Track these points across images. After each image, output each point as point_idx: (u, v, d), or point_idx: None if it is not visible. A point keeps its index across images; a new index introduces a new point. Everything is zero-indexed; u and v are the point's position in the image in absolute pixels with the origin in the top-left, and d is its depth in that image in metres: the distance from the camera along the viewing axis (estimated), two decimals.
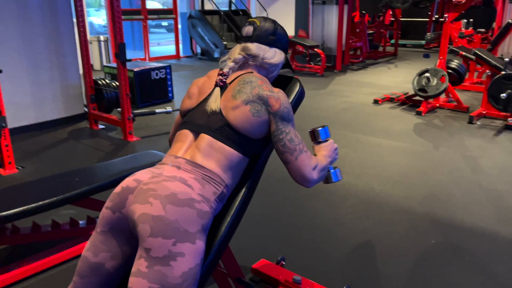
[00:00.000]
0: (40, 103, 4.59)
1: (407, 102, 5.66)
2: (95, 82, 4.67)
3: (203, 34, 9.89)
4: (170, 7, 10.45)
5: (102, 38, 8.54)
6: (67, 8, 4.66)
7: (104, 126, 4.74)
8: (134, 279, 1.15)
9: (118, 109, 4.37)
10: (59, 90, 4.74)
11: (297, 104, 1.55)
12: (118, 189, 1.30)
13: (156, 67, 5.77)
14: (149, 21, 10.05)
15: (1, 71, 3.25)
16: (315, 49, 7.76)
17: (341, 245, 2.45)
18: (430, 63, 8.81)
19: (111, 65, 5.91)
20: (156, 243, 1.14)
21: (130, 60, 4.25)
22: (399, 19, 10.38)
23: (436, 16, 11.48)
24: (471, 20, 6.84)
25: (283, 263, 2.19)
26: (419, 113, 5.13)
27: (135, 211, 1.20)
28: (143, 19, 9.57)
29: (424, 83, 5.14)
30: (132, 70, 5.46)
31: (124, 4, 12.43)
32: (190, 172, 1.30)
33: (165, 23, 16.88)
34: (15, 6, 4.24)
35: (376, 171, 3.48)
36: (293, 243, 2.47)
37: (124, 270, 1.33)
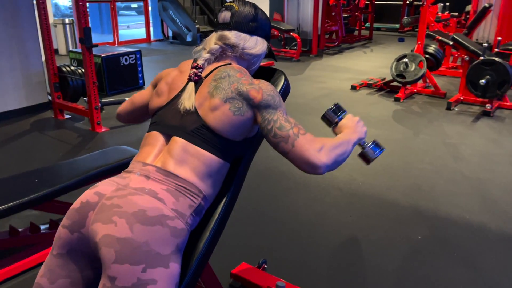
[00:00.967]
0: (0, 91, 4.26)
1: (385, 88, 5.58)
2: (59, 69, 4.36)
3: (174, 17, 9.54)
4: None
5: (67, 20, 8.09)
6: None
7: (70, 116, 4.45)
8: None
9: (85, 98, 4.10)
10: (20, 77, 4.41)
11: (282, 99, 1.38)
12: (76, 204, 1.11)
13: (125, 52, 5.48)
14: (118, 3, 9.61)
15: None
16: (291, 33, 7.58)
17: (325, 241, 2.33)
18: (405, 47, 8.79)
19: (77, 50, 5.57)
20: (123, 271, 0.97)
21: (97, 46, 3.97)
22: (374, 2, 10.27)
23: (410, 0, 11.47)
24: (447, 4, 6.78)
25: (265, 266, 2.05)
26: (397, 100, 5.05)
27: (97, 231, 1.02)
28: (111, 1, 9.13)
29: (402, 69, 5.05)
30: (99, 56, 5.16)
31: None
32: (161, 182, 1.12)
33: (134, 5, 16.30)
34: None
35: (357, 161, 3.35)
36: (275, 241, 2.33)
37: None
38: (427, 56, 5.36)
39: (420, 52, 5.20)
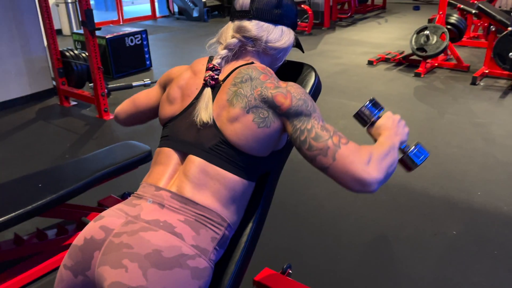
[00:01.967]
0: (1, 79, 4.08)
1: (404, 62, 5.29)
2: (62, 54, 4.16)
3: None
4: None
5: None
6: None
7: (76, 103, 4.28)
8: None
9: (91, 84, 3.91)
10: (23, 63, 4.22)
11: (314, 100, 1.18)
12: (79, 241, 0.94)
13: (130, 32, 5.24)
14: None
15: None
16: (302, 5, 7.23)
17: (352, 240, 2.17)
18: (422, 16, 8.39)
19: (80, 32, 5.33)
20: None
21: (100, 28, 3.75)
22: None
23: None
24: None
25: (290, 271, 1.89)
26: (418, 75, 4.78)
27: (105, 276, 0.86)
28: None
29: (423, 42, 4.75)
30: (104, 37, 4.93)
31: None
32: (178, 211, 0.95)
33: None
34: None
35: None
36: (298, 242, 2.17)
37: None
38: (448, 27, 5.04)
39: (441, 23, 4.88)
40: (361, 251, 2.09)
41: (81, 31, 5.25)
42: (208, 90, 1.04)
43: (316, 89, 1.19)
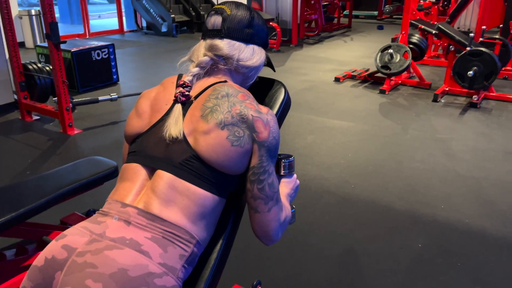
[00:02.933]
0: None
1: (369, 79, 5.44)
2: (24, 67, 4.04)
3: (148, 7, 9.15)
4: None
5: (33, 12, 7.63)
6: None
7: (39, 117, 4.15)
8: None
9: (55, 98, 3.80)
10: None
11: (282, 117, 1.19)
12: (40, 261, 0.90)
13: (97, 46, 5.15)
14: None
15: None
16: (270, 23, 7.35)
17: (321, 254, 2.17)
18: (385, 35, 8.69)
19: (44, 44, 5.21)
20: None
21: (65, 42, 3.67)
22: None
23: None
24: None
25: None
26: (382, 92, 4.92)
27: None
28: None
29: (387, 60, 4.91)
30: (69, 51, 4.83)
31: None
32: (145, 228, 0.92)
33: None
34: None
35: (347, 161, 3.22)
36: (267, 257, 2.16)
37: None
38: (411, 46, 5.23)
39: (404, 42, 5.06)
40: (330, 265, 2.10)
41: (45, 44, 5.13)
42: (179, 106, 1.03)
43: (286, 105, 1.20)
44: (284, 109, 1.20)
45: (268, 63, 1.21)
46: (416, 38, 5.34)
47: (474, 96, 4.44)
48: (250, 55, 1.12)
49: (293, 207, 1.20)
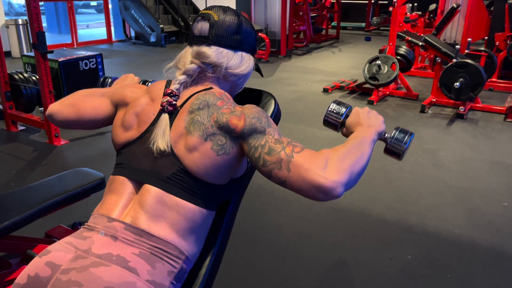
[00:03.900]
0: None
1: (357, 90, 5.48)
2: (10, 77, 3.99)
3: (137, 17, 9.14)
4: None
5: (20, 21, 7.56)
6: None
7: (24, 128, 4.08)
8: None
9: (41, 108, 3.75)
10: None
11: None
12: (22, 279, 0.87)
13: (85, 56, 5.10)
14: (75, 1, 9.12)
15: None
16: (259, 34, 7.38)
17: (311, 267, 2.15)
18: (373, 47, 8.79)
19: (31, 54, 5.14)
20: None
21: (52, 51, 3.63)
22: (340, 1, 10.23)
23: None
24: (415, 4, 6.78)
25: None
26: (371, 102, 4.95)
27: None
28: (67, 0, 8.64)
29: (375, 71, 4.95)
30: (56, 61, 4.77)
31: None
32: (132, 244, 0.90)
33: (94, 3, 15.67)
34: None
35: None
36: (258, 271, 2.13)
37: None
38: (398, 57, 5.29)
39: (392, 53, 5.12)
40: (320, 276, 2.08)
41: (32, 54, 5.07)
42: (166, 116, 1.01)
43: (276, 116, 1.20)
44: (274, 120, 1.18)
45: (257, 69, 1.19)
46: (403, 49, 5.40)
47: (460, 107, 4.50)
48: (239, 62, 1.10)
49: (397, 127, 1.08)
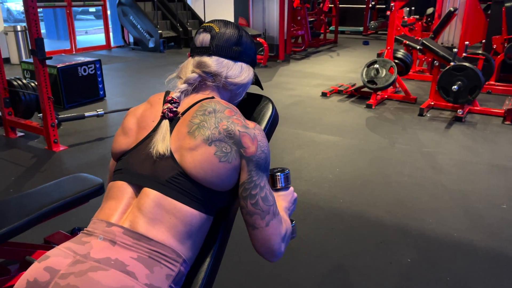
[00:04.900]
0: None
1: (355, 94, 5.49)
2: (9, 83, 3.99)
3: (135, 23, 9.17)
4: None
5: (19, 27, 7.58)
6: None
7: (23, 134, 4.08)
8: None
9: (40, 114, 3.76)
10: None
11: (270, 132, 1.19)
12: (21, 284, 0.87)
13: (83, 62, 5.13)
14: (74, 8, 9.15)
15: None
16: (257, 39, 7.41)
17: (310, 271, 2.15)
18: (371, 51, 8.83)
19: (29, 60, 5.16)
20: None
21: (51, 58, 3.64)
22: (338, 5, 10.27)
23: (373, 3, 11.59)
24: (413, 8, 6.81)
25: None
26: (369, 106, 4.96)
27: None
28: (66, 6, 8.67)
29: (373, 75, 4.97)
30: (55, 67, 4.80)
31: None
32: (131, 248, 0.90)
33: (92, 9, 15.70)
34: None
35: (336, 176, 3.22)
36: (254, 277, 2.13)
37: None
38: (396, 61, 5.31)
39: (389, 57, 5.14)
40: (319, 281, 2.08)
41: (30, 60, 5.09)
42: (166, 122, 1.02)
43: (274, 121, 1.20)
44: (272, 125, 1.19)
45: (256, 81, 1.21)
46: (401, 53, 5.42)
47: (459, 110, 4.51)
48: (238, 72, 1.12)
49: (293, 221, 1.17)
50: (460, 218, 2.63)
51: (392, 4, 5.03)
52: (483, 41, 6.09)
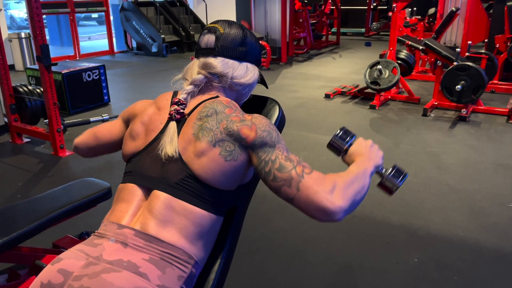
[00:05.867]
0: None
1: (359, 95, 5.50)
2: (15, 90, 4.03)
3: (138, 28, 9.22)
4: None
5: (23, 34, 7.64)
6: None
7: (29, 140, 4.11)
8: None
9: (46, 120, 3.78)
10: None
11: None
12: (35, 286, 0.88)
13: (88, 67, 5.16)
14: (77, 14, 9.22)
15: None
16: (260, 41, 7.43)
17: (317, 273, 2.16)
18: (373, 52, 8.83)
19: (34, 67, 5.20)
20: None
21: (56, 64, 3.67)
22: (340, 7, 10.29)
23: (374, 4, 11.60)
24: (415, 8, 6.82)
25: None
26: (373, 107, 4.97)
27: None
28: (69, 12, 8.73)
29: (376, 76, 4.98)
30: (60, 73, 4.83)
31: None
32: (142, 250, 0.91)
33: (95, 15, 15.80)
34: None
35: None
36: (263, 277, 2.14)
37: None
38: (399, 61, 5.32)
39: (392, 58, 5.15)
40: (326, 282, 2.09)
41: (35, 67, 5.13)
42: (173, 124, 1.04)
43: (281, 122, 1.22)
44: (279, 126, 1.20)
45: (261, 81, 1.22)
46: (404, 54, 5.43)
47: (463, 110, 4.51)
48: (244, 72, 1.14)
49: (394, 165, 1.12)
50: (466, 218, 2.63)
51: (394, 5, 5.04)
52: (486, 40, 6.09)
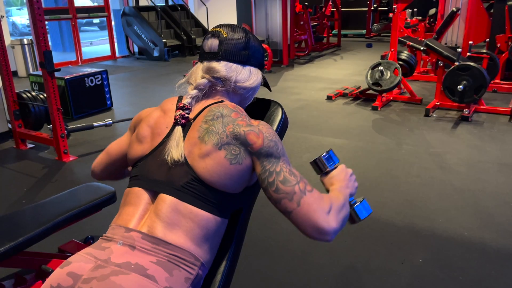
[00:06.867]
0: None
1: (361, 97, 5.51)
2: (18, 96, 4.05)
3: (139, 32, 9.26)
4: (101, 4, 9.66)
5: (25, 41, 7.68)
6: None
7: (33, 145, 4.14)
8: None
9: (50, 126, 3.80)
10: None
11: (280, 136, 1.21)
12: None
13: (90, 72, 5.19)
14: (79, 20, 9.26)
15: None
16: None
17: (322, 274, 2.16)
18: (374, 53, 8.84)
19: (37, 73, 5.24)
20: None
21: (59, 70, 3.70)
22: (340, 9, 10.31)
23: (375, 6, 11.61)
24: (415, 9, 6.82)
25: None
26: (375, 108, 4.98)
27: None
28: (71, 18, 8.77)
29: (377, 77, 4.98)
30: (63, 78, 4.86)
31: (49, 1, 11.43)
32: (150, 252, 0.92)
33: (97, 20, 15.86)
34: None
35: None
36: (269, 279, 2.14)
37: None
38: (400, 62, 5.33)
39: (394, 59, 5.15)
40: (331, 283, 2.09)
41: (38, 73, 5.16)
42: (179, 129, 1.05)
43: (283, 125, 1.23)
44: (282, 129, 1.22)
45: (265, 83, 1.23)
46: (405, 54, 5.44)
47: (465, 110, 4.51)
48: (247, 76, 1.15)
49: (360, 199, 1.14)
50: (470, 217, 2.63)
51: (395, 6, 5.05)
52: (487, 40, 6.09)
